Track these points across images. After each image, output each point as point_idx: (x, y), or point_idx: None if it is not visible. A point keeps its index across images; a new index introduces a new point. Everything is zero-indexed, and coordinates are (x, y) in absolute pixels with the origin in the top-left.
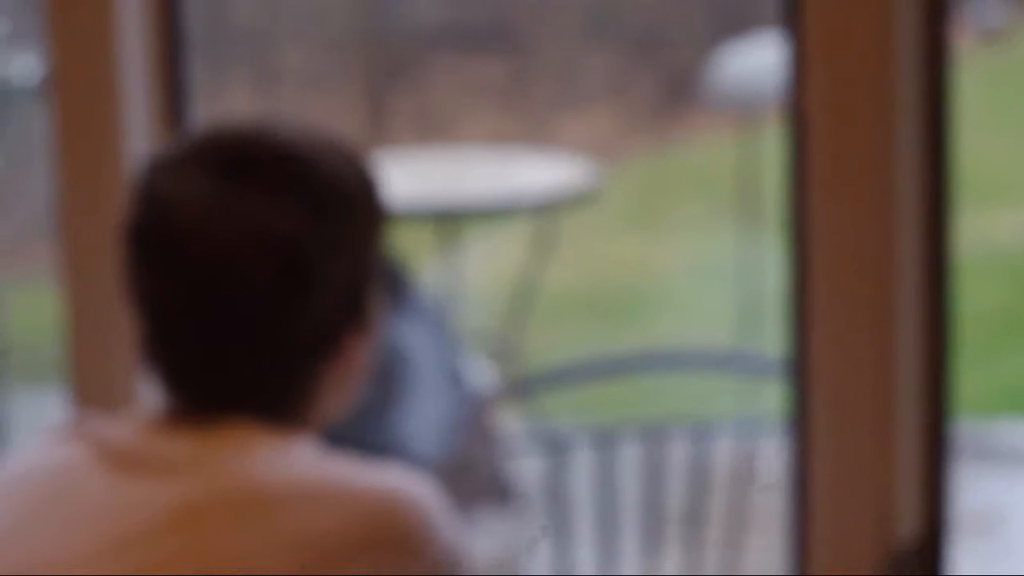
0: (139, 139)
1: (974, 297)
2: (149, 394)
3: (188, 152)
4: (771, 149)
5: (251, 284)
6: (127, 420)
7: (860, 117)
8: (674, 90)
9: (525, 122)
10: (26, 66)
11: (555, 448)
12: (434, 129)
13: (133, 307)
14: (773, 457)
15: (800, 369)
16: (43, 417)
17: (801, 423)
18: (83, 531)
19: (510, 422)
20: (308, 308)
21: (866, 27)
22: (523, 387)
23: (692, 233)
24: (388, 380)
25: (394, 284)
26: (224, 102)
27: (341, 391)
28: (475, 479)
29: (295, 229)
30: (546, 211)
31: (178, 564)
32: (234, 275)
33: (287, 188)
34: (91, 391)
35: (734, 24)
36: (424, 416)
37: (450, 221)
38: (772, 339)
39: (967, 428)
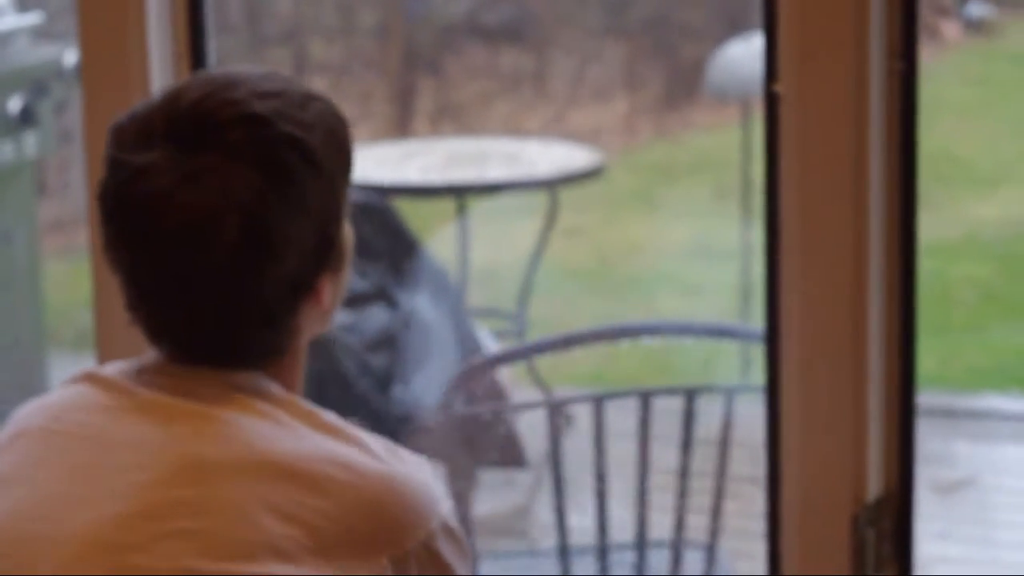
0: None
1: (960, 275)
2: None
3: (150, 119)
4: None
5: (217, 250)
6: (127, 364)
7: (830, 104)
8: (682, 81)
9: (542, 111)
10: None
11: (556, 410)
12: (456, 118)
13: (112, 268)
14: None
15: (773, 339)
16: None
17: (773, 389)
18: (89, 466)
19: (515, 385)
20: (277, 268)
21: (836, 16)
22: (528, 352)
23: (695, 215)
24: (400, 346)
25: (406, 255)
26: None
27: (317, 324)
28: (482, 439)
29: (256, 194)
30: (556, 192)
31: (178, 512)
32: (199, 242)
33: (245, 153)
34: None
35: (738, 20)
36: (435, 379)
37: (462, 198)
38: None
39: (948, 398)
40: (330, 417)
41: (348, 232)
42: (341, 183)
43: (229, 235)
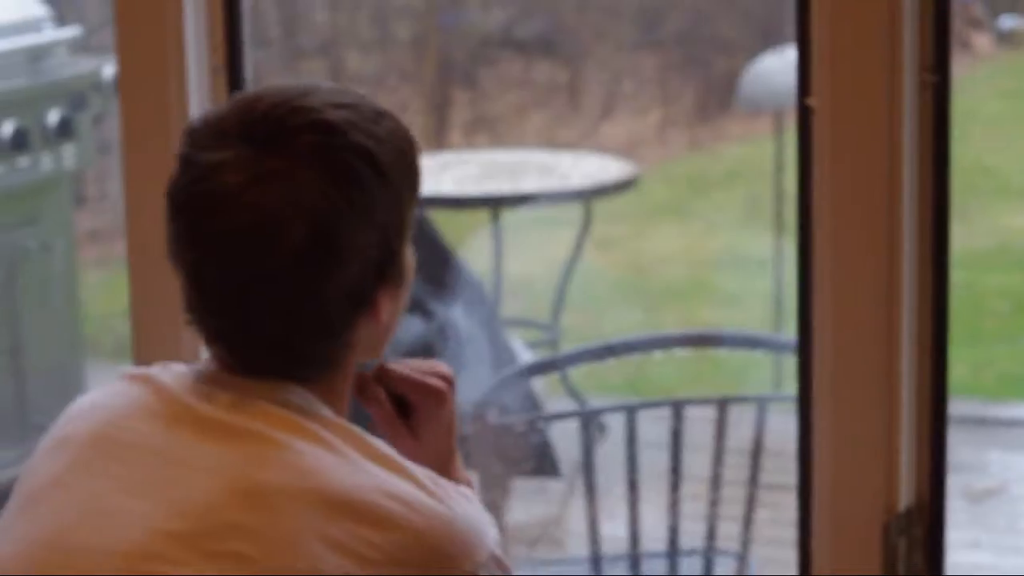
0: None
1: (992, 285)
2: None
3: (224, 121)
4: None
5: (280, 253)
6: (183, 370)
7: (863, 117)
8: (715, 93)
9: (576, 123)
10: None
11: (589, 419)
12: (491, 130)
13: (175, 269)
14: (789, 430)
15: (805, 349)
16: None
17: (805, 399)
18: (146, 483)
19: (549, 395)
20: (339, 275)
21: (869, 30)
22: (562, 363)
23: (728, 227)
24: (435, 356)
25: (441, 264)
26: None
27: (374, 342)
28: (515, 448)
29: (324, 200)
30: (590, 204)
31: (234, 535)
32: (263, 243)
33: (316, 159)
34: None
35: (771, 33)
36: (469, 390)
37: (497, 209)
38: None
39: (980, 406)
40: (381, 446)
41: (410, 252)
42: (408, 200)
43: (294, 239)
